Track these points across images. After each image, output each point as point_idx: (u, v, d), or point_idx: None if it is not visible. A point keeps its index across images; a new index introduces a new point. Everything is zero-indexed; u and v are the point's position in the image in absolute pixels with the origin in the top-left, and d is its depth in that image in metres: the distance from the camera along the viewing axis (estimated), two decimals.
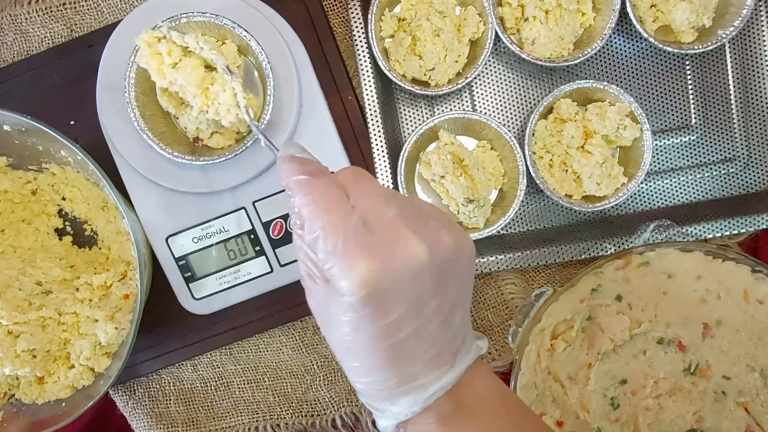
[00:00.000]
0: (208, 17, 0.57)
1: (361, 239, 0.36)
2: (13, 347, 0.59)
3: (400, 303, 0.37)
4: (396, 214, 0.37)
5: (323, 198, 0.38)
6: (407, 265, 0.36)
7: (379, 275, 0.36)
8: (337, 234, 0.37)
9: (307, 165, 0.41)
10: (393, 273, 0.36)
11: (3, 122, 0.57)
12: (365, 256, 0.36)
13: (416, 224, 0.38)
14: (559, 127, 0.64)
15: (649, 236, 0.60)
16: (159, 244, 0.63)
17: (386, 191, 0.39)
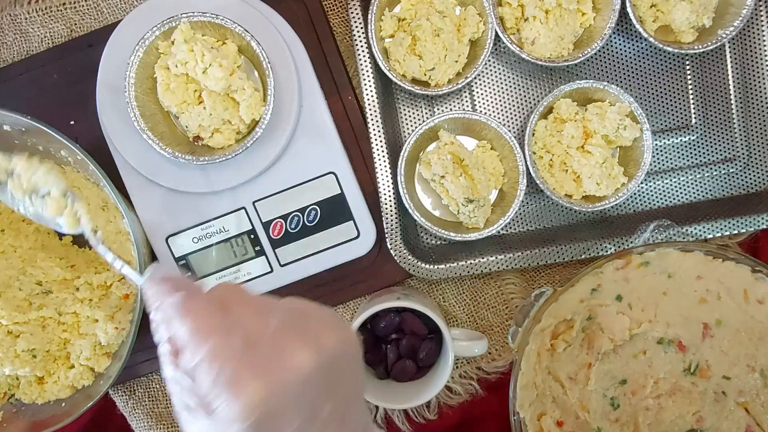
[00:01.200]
0: (209, 17, 0.57)
1: (246, 360, 0.34)
2: (13, 347, 0.59)
3: (293, 416, 0.35)
4: (278, 324, 0.36)
5: (202, 320, 0.36)
6: (296, 376, 0.35)
7: (269, 394, 0.34)
8: (220, 358, 0.34)
9: (178, 283, 0.38)
10: (283, 388, 0.34)
11: (3, 122, 0.57)
12: (251, 377, 0.34)
13: (299, 330, 0.36)
14: (559, 127, 0.64)
15: (649, 236, 0.60)
16: (159, 244, 0.63)
17: (263, 302, 0.38)
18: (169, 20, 0.57)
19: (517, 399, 0.57)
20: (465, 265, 0.64)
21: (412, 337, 0.63)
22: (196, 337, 0.35)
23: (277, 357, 0.35)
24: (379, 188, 0.63)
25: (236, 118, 0.59)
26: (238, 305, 0.37)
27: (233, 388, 0.33)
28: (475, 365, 0.68)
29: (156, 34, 0.57)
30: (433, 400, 0.67)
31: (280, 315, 0.37)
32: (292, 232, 0.63)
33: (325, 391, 0.36)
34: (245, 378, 0.34)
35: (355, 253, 0.64)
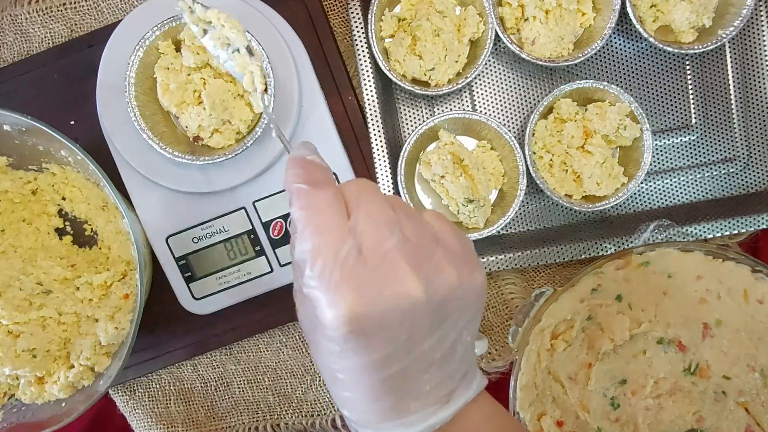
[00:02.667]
0: None
1: (350, 270, 0.33)
2: (13, 347, 0.59)
3: (386, 342, 0.34)
4: (396, 243, 0.34)
5: (319, 216, 0.35)
6: (398, 305, 0.33)
7: (364, 313, 0.33)
8: (325, 260, 0.33)
9: (313, 172, 0.37)
10: (380, 312, 0.33)
11: (3, 122, 0.57)
12: (351, 290, 0.33)
13: (418, 257, 0.34)
14: (559, 127, 0.64)
15: (649, 236, 0.60)
16: (159, 244, 0.63)
17: (391, 214, 0.35)
18: (169, 20, 0.57)
19: (517, 399, 0.57)
20: None
21: None
22: (307, 231, 0.34)
23: (384, 278, 0.33)
24: (379, 188, 0.63)
25: (236, 118, 0.59)
26: (364, 209, 0.35)
27: (331, 293, 0.33)
28: None
29: (156, 34, 0.57)
30: None
31: (407, 232, 0.35)
32: None
33: (429, 328, 0.35)
34: (345, 288, 0.33)
35: None
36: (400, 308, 0.33)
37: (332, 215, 0.35)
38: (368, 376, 0.34)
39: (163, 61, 0.58)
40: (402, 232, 0.35)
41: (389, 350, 0.34)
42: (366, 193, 0.36)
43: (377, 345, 0.34)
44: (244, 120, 0.59)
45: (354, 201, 0.35)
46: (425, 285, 0.34)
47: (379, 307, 0.33)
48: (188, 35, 0.57)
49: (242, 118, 0.59)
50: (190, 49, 0.58)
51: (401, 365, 0.34)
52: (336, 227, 0.34)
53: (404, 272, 0.33)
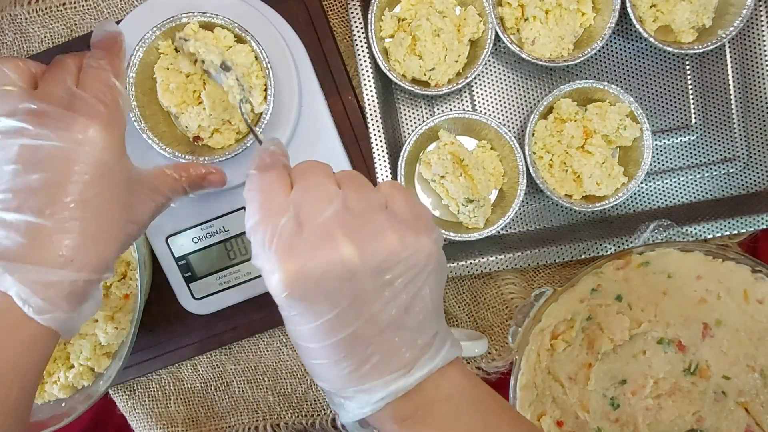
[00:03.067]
0: (209, 17, 0.57)
1: (287, 239, 0.36)
2: None
3: (329, 306, 0.36)
4: (333, 213, 0.37)
5: (262, 194, 0.38)
6: (332, 269, 0.35)
7: (300, 278, 0.35)
8: (265, 232, 0.37)
9: (262, 159, 0.41)
10: (317, 276, 0.35)
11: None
12: (287, 257, 0.36)
13: (356, 224, 0.36)
14: (559, 127, 0.64)
15: (649, 236, 0.60)
16: (159, 244, 0.63)
17: (332, 187, 0.38)
18: (169, 20, 0.57)
19: (517, 399, 0.57)
20: (465, 265, 0.64)
21: None
22: (251, 208, 0.38)
23: (318, 245, 0.36)
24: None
25: (236, 117, 0.59)
26: (303, 184, 0.38)
27: (270, 262, 0.36)
28: (475, 365, 0.68)
29: (156, 34, 0.57)
30: None
31: (350, 202, 0.37)
32: None
33: (372, 291, 0.36)
34: (281, 256, 0.36)
35: None
36: (335, 273, 0.35)
37: (274, 192, 0.38)
38: (321, 341, 0.37)
39: (163, 62, 0.58)
40: (343, 202, 0.37)
41: (333, 314, 0.36)
42: (310, 171, 0.39)
43: (320, 309, 0.36)
44: (242, 120, 0.59)
45: (297, 178, 0.39)
46: (359, 249, 0.36)
47: (315, 272, 0.35)
48: (189, 35, 0.57)
49: (240, 118, 0.59)
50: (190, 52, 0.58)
51: (350, 329, 0.36)
52: (277, 203, 0.37)
53: (337, 238, 0.36)
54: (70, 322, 0.40)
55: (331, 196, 0.37)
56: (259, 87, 0.58)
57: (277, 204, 0.37)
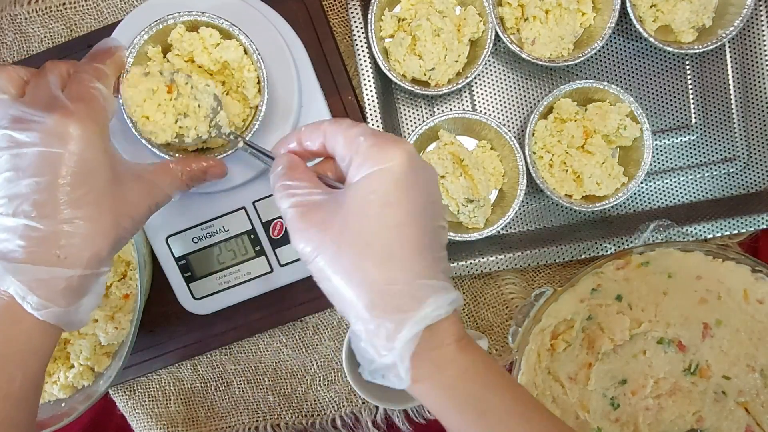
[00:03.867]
0: (194, 16, 0.57)
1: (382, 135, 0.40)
2: None
3: (421, 192, 0.39)
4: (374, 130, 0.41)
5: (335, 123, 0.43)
6: (416, 155, 0.40)
7: (414, 153, 0.39)
8: (364, 128, 0.41)
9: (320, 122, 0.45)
10: (418, 157, 0.40)
11: None
12: (398, 140, 0.39)
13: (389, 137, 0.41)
14: (559, 127, 0.64)
15: (649, 236, 0.60)
16: (159, 244, 0.63)
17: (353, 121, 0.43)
18: (156, 23, 0.56)
19: None
20: (465, 265, 0.64)
21: None
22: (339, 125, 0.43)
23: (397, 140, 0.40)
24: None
25: (230, 115, 0.58)
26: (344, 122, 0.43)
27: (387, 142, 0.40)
28: None
29: (144, 38, 0.57)
30: None
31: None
32: None
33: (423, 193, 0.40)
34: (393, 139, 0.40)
35: None
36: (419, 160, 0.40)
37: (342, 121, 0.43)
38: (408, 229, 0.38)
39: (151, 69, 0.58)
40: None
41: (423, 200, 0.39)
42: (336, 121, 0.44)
43: (418, 193, 0.39)
44: (237, 114, 0.59)
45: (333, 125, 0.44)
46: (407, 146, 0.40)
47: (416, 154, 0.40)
48: (176, 39, 0.57)
49: (235, 113, 0.58)
50: (179, 56, 0.57)
51: (427, 223, 0.39)
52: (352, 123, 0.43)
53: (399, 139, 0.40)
54: (69, 315, 0.42)
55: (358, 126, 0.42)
56: (251, 80, 0.58)
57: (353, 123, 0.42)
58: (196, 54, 0.57)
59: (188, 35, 0.57)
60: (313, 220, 0.40)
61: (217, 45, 0.57)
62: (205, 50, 0.57)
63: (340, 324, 0.69)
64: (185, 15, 0.56)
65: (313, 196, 0.41)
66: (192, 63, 0.58)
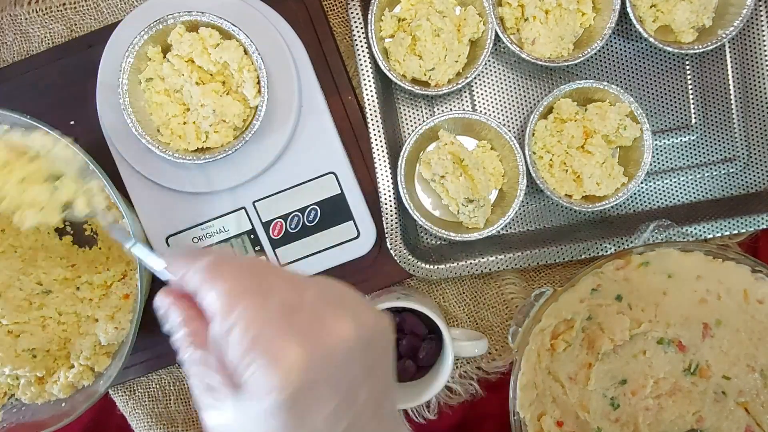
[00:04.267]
0: (194, 16, 0.57)
1: (285, 325, 0.31)
2: (14, 347, 0.59)
3: (331, 395, 0.32)
4: (314, 296, 0.34)
5: (236, 282, 0.33)
6: (339, 346, 0.32)
7: (310, 363, 0.31)
8: (257, 320, 0.31)
9: (204, 252, 0.36)
10: (325, 358, 0.32)
11: (3, 122, 0.57)
12: (293, 343, 0.31)
13: (337, 302, 0.34)
14: (559, 127, 0.64)
15: (649, 236, 0.60)
16: (159, 244, 0.63)
17: (296, 275, 0.35)
18: (155, 23, 0.56)
19: (517, 399, 0.57)
20: (465, 265, 0.64)
21: (412, 337, 0.63)
22: (230, 298, 0.32)
23: (319, 325, 0.32)
24: (379, 188, 0.63)
25: (229, 114, 0.58)
26: (271, 275, 0.34)
27: (270, 353, 0.31)
28: (475, 365, 0.68)
29: (144, 38, 0.57)
30: (433, 400, 0.67)
31: (315, 288, 0.35)
32: (292, 232, 0.63)
33: (363, 372, 0.33)
34: (285, 343, 0.31)
35: (355, 253, 0.64)
36: (339, 353, 0.32)
37: (248, 279, 0.33)
38: None
39: (150, 72, 0.58)
40: (313, 285, 0.35)
41: (333, 406, 0.32)
42: (264, 263, 0.36)
43: (322, 401, 0.32)
44: (237, 114, 0.59)
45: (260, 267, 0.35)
46: (356, 324, 0.33)
47: (323, 353, 0.32)
48: (176, 39, 0.57)
49: (235, 113, 0.58)
50: (178, 56, 0.57)
51: (344, 424, 0.33)
52: (257, 288, 0.33)
53: (335, 316, 0.33)
54: None
55: (301, 280, 0.35)
56: (251, 80, 0.58)
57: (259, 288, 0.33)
58: (196, 54, 0.57)
59: (188, 35, 0.57)
60: None
61: (217, 45, 0.57)
62: (204, 50, 0.57)
63: None
64: (185, 15, 0.56)
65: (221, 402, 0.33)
66: (192, 63, 0.58)
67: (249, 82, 0.58)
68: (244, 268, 0.34)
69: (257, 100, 0.58)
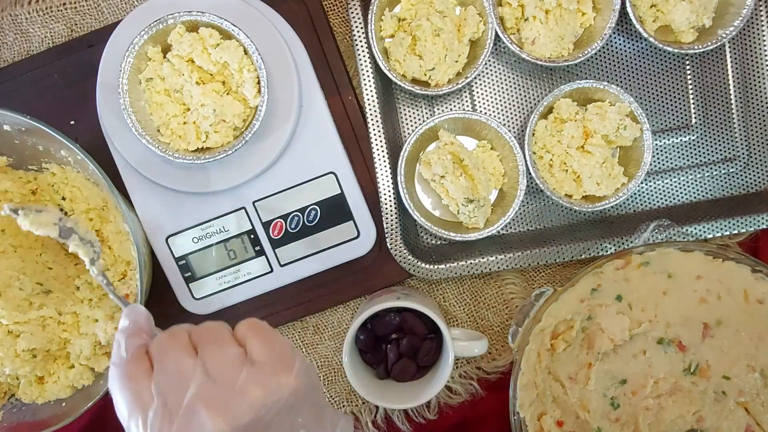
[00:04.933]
0: (194, 16, 0.57)
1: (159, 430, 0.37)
2: (14, 347, 0.59)
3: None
4: (195, 391, 0.38)
5: (124, 391, 0.39)
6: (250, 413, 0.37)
7: None
8: (137, 428, 0.38)
9: (120, 346, 0.42)
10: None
11: (3, 122, 0.57)
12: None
13: (218, 393, 0.38)
14: (559, 127, 0.64)
15: (649, 236, 0.60)
16: (159, 244, 0.63)
17: (189, 361, 0.39)
18: (156, 23, 0.56)
19: (517, 399, 0.57)
20: (465, 265, 0.64)
21: (412, 337, 0.63)
22: (118, 403, 0.39)
23: (189, 429, 0.37)
24: (379, 188, 0.63)
25: (229, 114, 0.58)
26: (162, 368, 0.39)
27: None
28: (475, 365, 0.68)
29: (144, 38, 0.57)
30: (433, 400, 0.67)
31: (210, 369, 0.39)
32: (292, 232, 0.63)
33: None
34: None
35: (355, 253, 0.64)
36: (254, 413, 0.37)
37: (135, 383, 0.39)
38: None
39: (150, 72, 0.58)
40: (204, 372, 0.39)
41: None
42: (165, 347, 0.40)
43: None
44: (237, 114, 0.59)
45: (155, 360, 0.40)
46: (226, 418, 0.37)
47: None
48: (176, 39, 0.57)
49: (235, 113, 0.58)
50: (178, 56, 0.57)
51: None
52: (140, 395, 0.39)
53: (203, 416, 0.37)
54: None
55: (190, 371, 0.39)
56: (251, 80, 0.58)
57: (141, 396, 0.38)
58: (196, 54, 0.57)
59: (188, 35, 0.57)
60: None
61: (217, 45, 0.57)
62: (204, 50, 0.57)
63: (340, 324, 0.69)
64: (185, 15, 0.56)
65: None
66: (192, 63, 0.58)
67: (249, 82, 0.58)
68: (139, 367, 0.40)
69: (257, 100, 0.58)
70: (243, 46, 0.57)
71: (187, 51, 0.57)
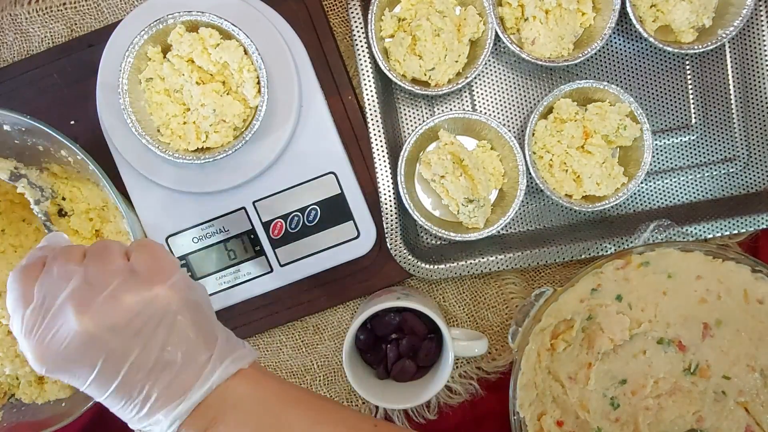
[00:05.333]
0: (194, 16, 0.57)
1: (28, 326, 0.41)
2: (14, 347, 0.59)
3: (85, 369, 0.41)
4: (70, 291, 0.41)
5: (13, 288, 0.43)
6: (71, 340, 0.40)
7: (45, 356, 0.41)
8: (18, 323, 0.42)
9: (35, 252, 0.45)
10: (57, 350, 0.40)
11: (3, 122, 0.57)
12: (32, 341, 0.41)
13: (90, 295, 0.41)
14: (559, 127, 0.64)
15: (649, 236, 0.60)
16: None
17: (73, 267, 0.42)
18: (156, 23, 0.56)
19: (517, 399, 0.57)
20: (465, 265, 0.64)
21: (412, 337, 0.63)
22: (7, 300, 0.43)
23: (55, 324, 0.41)
24: (379, 188, 0.63)
25: (229, 114, 0.58)
26: (47, 272, 0.42)
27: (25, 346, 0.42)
28: (475, 365, 0.68)
29: (144, 38, 0.57)
30: (433, 400, 0.67)
31: (89, 275, 0.42)
32: (292, 232, 0.63)
33: (121, 346, 0.41)
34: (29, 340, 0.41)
35: (355, 253, 0.64)
36: (75, 343, 0.40)
37: (22, 284, 0.43)
38: (100, 397, 0.42)
39: (150, 72, 0.58)
40: (83, 278, 0.42)
41: (94, 374, 0.41)
42: (56, 257, 0.43)
43: (81, 373, 0.41)
44: (237, 115, 0.59)
45: (45, 266, 0.43)
46: (92, 316, 0.40)
47: (56, 347, 0.40)
48: (176, 39, 0.57)
49: (235, 113, 0.58)
50: (178, 56, 0.57)
51: (115, 381, 0.41)
52: (24, 294, 0.42)
53: (69, 313, 0.40)
54: None
55: (70, 275, 0.42)
56: (251, 80, 0.58)
57: (25, 296, 0.42)
58: (196, 54, 0.57)
59: (188, 35, 0.57)
60: None
61: (217, 45, 0.57)
62: (204, 50, 0.57)
63: (340, 324, 0.69)
64: (185, 15, 0.56)
65: None
66: (192, 63, 0.58)
67: (249, 82, 0.58)
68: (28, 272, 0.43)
69: (257, 100, 0.58)
70: (243, 46, 0.57)
71: (187, 51, 0.57)
